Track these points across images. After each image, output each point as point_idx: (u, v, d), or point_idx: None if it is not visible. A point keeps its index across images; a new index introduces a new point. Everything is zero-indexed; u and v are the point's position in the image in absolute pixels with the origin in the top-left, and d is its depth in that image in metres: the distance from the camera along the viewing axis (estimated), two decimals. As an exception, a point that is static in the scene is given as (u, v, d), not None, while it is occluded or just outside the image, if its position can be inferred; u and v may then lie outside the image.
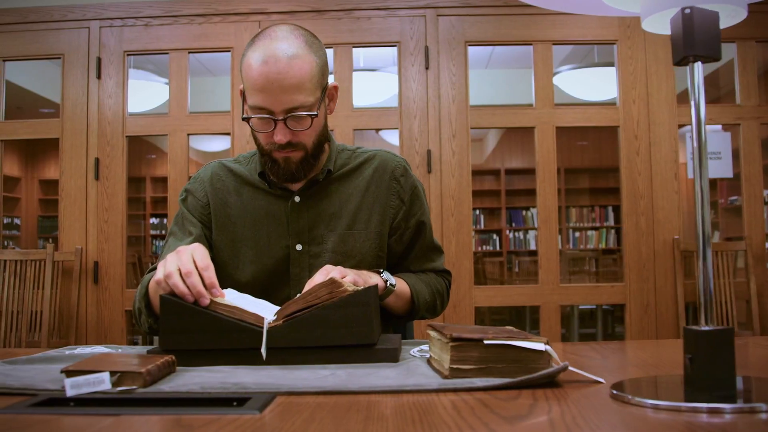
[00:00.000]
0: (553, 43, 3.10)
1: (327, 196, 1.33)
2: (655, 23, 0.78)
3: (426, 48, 3.07)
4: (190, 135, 3.13)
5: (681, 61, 0.73)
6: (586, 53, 5.35)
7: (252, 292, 1.19)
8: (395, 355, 0.96)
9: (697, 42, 0.71)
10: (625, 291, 3.01)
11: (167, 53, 3.15)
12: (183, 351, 0.95)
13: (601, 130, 4.08)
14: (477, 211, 8.04)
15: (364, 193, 1.35)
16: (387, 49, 4.49)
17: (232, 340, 0.95)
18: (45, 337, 2.86)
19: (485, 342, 0.81)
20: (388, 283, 1.23)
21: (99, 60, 3.11)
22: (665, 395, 0.74)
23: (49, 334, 2.88)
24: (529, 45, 3.11)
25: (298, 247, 1.31)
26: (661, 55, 3.06)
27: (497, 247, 8.02)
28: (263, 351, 0.94)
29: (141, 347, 1.22)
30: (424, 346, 1.10)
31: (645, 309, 2.99)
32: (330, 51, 3.05)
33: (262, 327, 0.95)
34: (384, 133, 6.35)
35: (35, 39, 3.16)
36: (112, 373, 0.81)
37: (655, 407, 0.69)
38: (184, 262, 1.00)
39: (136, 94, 3.20)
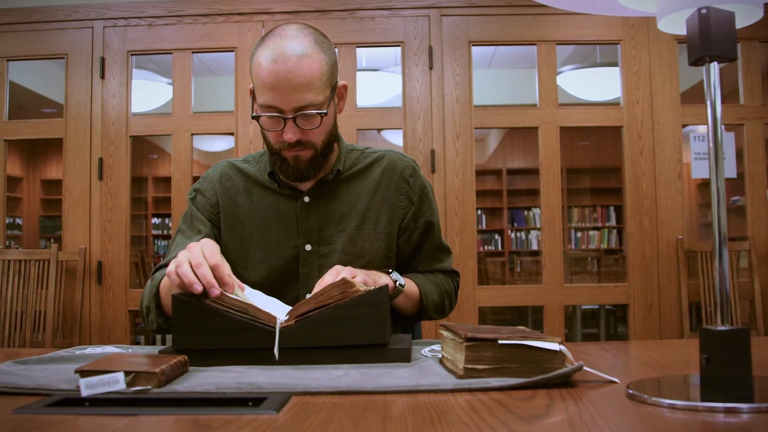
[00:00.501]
0: (557, 43, 3.10)
1: (336, 196, 1.33)
2: (670, 23, 0.78)
3: (430, 48, 3.07)
4: (193, 135, 3.13)
5: (697, 61, 0.73)
6: (588, 53, 5.36)
7: (261, 291, 1.19)
8: (407, 355, 0.96)
9: (714, 42, 0.71)
10: (628, 291, 3.01)
11: (171, 53, 3.15)
12: (195, 351, 0.95)
13: (602, 130, 4.09)
14: (479, 211, 8.04)
15: (374, 193, 1.35)
16: (389, 49, 4.49)
17: (244, 339, 0.95)
18: (49, 337, 2.85)
19: (500, 342, 0.81)
20: (398, 283, 1.23)
21: (102, 60, 3.11)
22: (681, 395, 0.74)
23: (53, 333, 2.88)
24: (533, 45, 3.11)
25: (308, 247, 1.31)
26: (664, 56, 3.06)
27: (499, 247, 8.02)
28: (276, 351, 0.94)
29: (151, 347, 1.23)
30: (434, 346, 1.09)
31: (648, 309, 2.99)
32: (334, 51, 3.05)
33: (274, 327, 0.95)
34: (386, 133, 6.35)
35: (39, 39, 3.16)
36: (126, 373, 0.81)
37: (672, 407, 0.69)
38: (194, 255, 1.00)
39: (137, 93, 3.20)
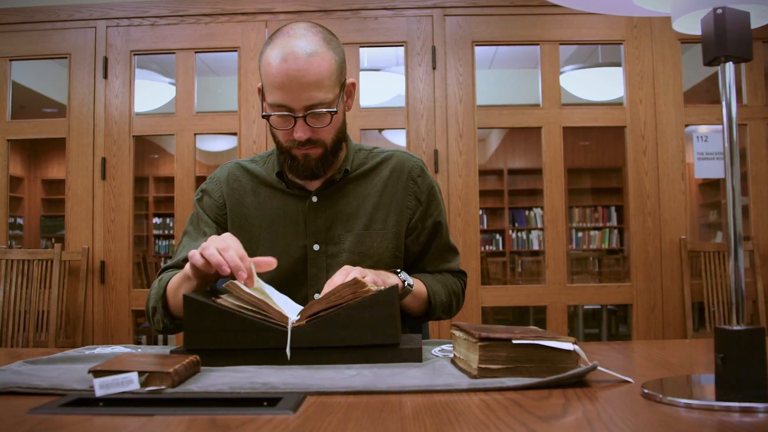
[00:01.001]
0: (560, 43, 3.10)
1: (344, 195, 1.33)
2: (685, 23, 0.78)
3: (433, 48, 3.07)
4: (196, 135, 3.13)
5: (712, 61, 0.73)
6: (590, 53, 5.36)
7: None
8: (419, 355, 0.96)
9: (729, 42, 0.72)
10: (631, 291, 3.01)
11: (174, 53, 3.15)
12: (207, 350, 0.95)
13: (603, 130, 4.09)
14: (480, 211, 8.03)
15: (381, 193, 1.35)
16: (390, 49, 4.50)
17: (256, 339, 0.95)
18: (52, 337, 2.85)
19: (514, 342, 0.81)
20: (406, 283, 1.23)
21: (106, 59, 3.11)
22: (697, 394, 0.74)
23: (56, 333, 2.87)
24: (536, 45, 3.11)
25: (316, 247, 1.31)
26: (668, 56, 3.06)
27: (500, 247, 8.03)
28: (288, 351, 0.94)
29: (160, 347, 1.23)
30: (444, 346, 1.09)
31: (652, 309, 3.00)
32: (337, 51, 3.05)
33: (286, 327, 0.95)
34: (387, 133, 6.35)
35: (42, 39, 3.16)
36: (140, 373, 0.81)
37: (688, 406, 0.69)
38: (220, 242, 1.02)
39: (139, 93, 3.20)
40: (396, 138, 6.32)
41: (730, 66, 0.74)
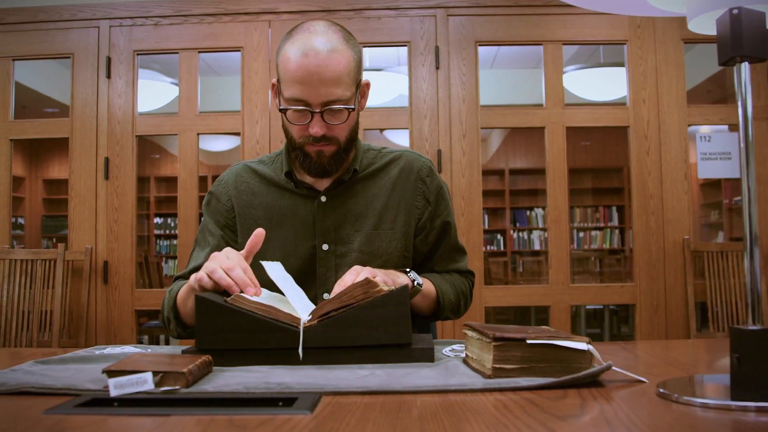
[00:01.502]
0: (563, 43, 3.10)
1: (353, 195, 1.33)
2: (701, 24, 0.78)
3: (436, 48, 3.07)
4: (199, 134, 3.12)
5: (728, 62, 0.74)
6: (592, 53, 5.36)
7: (279, 292, 1.18)
8: (431, 355, 0.96)
9: (745, 42, 0.72)
10: (635, 291, 3.02)
11: (177, 53, 3.15)
12: (218, 350, 0.95)
13: (604, 130, 4.09)
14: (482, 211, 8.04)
15: (390, 192, 1.35)
16: (392, 49, 4.49)
17: (268, 339, 0.95)
18: (55, 337, 2.85)
19: (528, 342, 0.81)
20: (416, 282, 1.23)
21: (109, 59, 3.11)
22: (712, 394, 0.74)
23: (60, 333, 2.87)
24: (539, 45, 3.11)
25: (325, 246, 1.31)
26: (671, 56, 3.06)
27: (501, 247, 8.03)
28: (300, 351, 0.94)
29: (169, 347, 1.23)
30: (455, 346, 1.10)
31: (655, 309, 3.00)
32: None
33: (298, 327, 0.95)
34: (389, 133, 6.34)
35: (45, 38, 3.15)
36: (154, 373, 0.81)
37: (704, 406, 0.69)
38: (223, 260, 1.05)
39: (141, 93, 3.20)
40: (398, 138, 6.31)
41: (745, 66, 0.74)
